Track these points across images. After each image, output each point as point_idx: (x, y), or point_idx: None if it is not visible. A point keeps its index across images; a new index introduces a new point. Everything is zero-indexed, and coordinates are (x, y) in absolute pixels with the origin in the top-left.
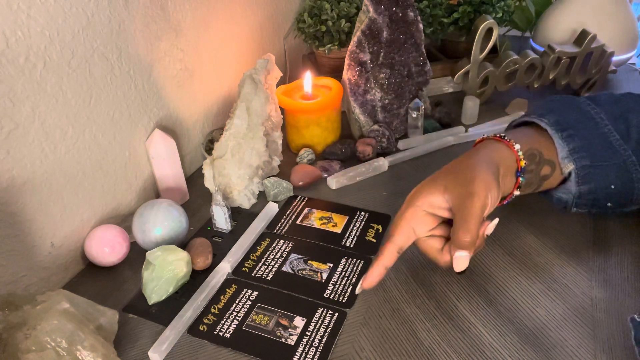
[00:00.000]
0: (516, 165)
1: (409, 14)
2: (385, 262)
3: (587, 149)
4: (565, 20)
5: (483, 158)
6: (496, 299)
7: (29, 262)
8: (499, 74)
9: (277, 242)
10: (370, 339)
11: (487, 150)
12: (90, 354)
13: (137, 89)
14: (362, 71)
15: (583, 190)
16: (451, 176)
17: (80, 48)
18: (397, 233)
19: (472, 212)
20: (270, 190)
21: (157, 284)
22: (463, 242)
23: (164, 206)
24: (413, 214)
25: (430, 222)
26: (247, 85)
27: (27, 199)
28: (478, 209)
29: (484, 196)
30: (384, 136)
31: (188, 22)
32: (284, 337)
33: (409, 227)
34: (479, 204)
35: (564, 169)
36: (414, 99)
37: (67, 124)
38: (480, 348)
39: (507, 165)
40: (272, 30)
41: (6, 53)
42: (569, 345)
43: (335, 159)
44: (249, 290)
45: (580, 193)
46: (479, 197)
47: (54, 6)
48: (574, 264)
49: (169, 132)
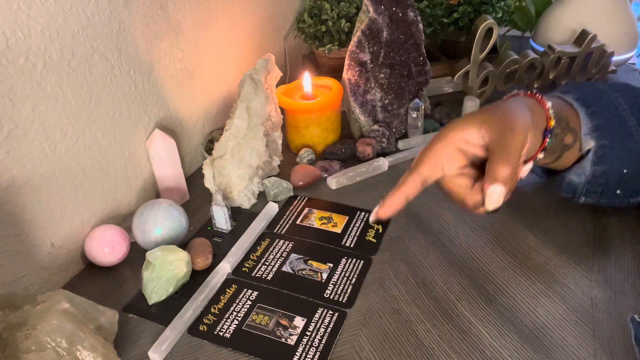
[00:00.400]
0: (545, 123)
1: (409, 14)
2: (407, 191)
3: (608, 129)
4: (565, 20)
5: (520, 104)
6: (496, 299)
7: (29, 262)
8: (499, 74)
9: (277, 242)
10: (370, 339)
11: (521, 101)
12: (90, 354)
13: (137, 89)
14: (362, 71)
15: (597, 172)
16: (489, 113)
17: (80, 48)
18: (424, 164)
19: (512, 145)
20: (270, 190)
21: (157, 284)
22: (501, 175)
23: (164, 206)
24: (443, 147)
25: (460, 159)
26: (247, 85)
27: (27, 199)
28: (519, 142)
29: (524, 132)
30: (384, 136)
31: (188, 22)
32: (284, 337)
33: (438, 161)
34: (520, 136)
35: (584, 145)
36: (414, 99)
37: (67, 124)
38: (480, 348)
39: (537, 121)
40: (272, 30)
41: (6, 53)
42: (569, 345)
43: (335, 159)
44: (249, 290)
45: (593, 175)
46: (519, 131)
47: (54, 6)
48: (574, 264)
49: (169, 132)
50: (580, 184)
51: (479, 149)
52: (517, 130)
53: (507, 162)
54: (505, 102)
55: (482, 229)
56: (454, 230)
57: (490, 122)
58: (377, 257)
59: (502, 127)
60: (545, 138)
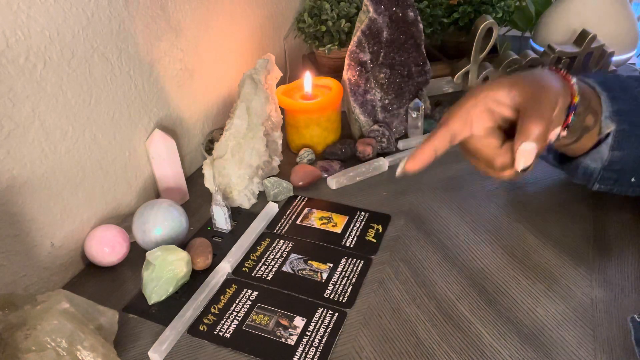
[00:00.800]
0: (570, 99)
1: (409, 14)
2: (436, 144)
3: (628, 114)
4: (565, 20)
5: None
6: (496, 299)
7: (29, 262)
8: (499, 74)
9: (277, 242)
10: (370, 339)
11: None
12: (90, 354)
13: (137, 89)
14: (362, 71)
15: (614, 157)
16: (519, 77)
17: (80, 48)
18: (454, 119)
19: (545, 103)
20: (270, 190)
21: (157, 284)
22: (533, 131)
23: (164, 206)
24: (474, 105)
25: (489, 120)
26: (247, 85)
27: (27, 199)
28: (551, 101)
29: (555, 93)
30: (384, 136)
31: (188, 22)
32: (284, 337)
33: (468, 118)
34: (552, 97)
35: (604, 129)
36: (414, 99)
37: (67, 124)
38: (480, 348)
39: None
40: (272, 30)
41: (6, 53)
42: (569, 345)
43: (335, 159)
44: (249, 290)
45: (610, 160)
46: (551, 92)
47: (54, 6)
48: (574, 264)
49: (169, 132)
50: (596, 170)
51: (508, 110)
52: (549, 90)
53: (540, 119)
54: (533, 70)
55: (482, 229)
56: (454, 230)
57: (522, 84)
58: (377, 257)
59: (534, 88)
60: (570, 114)
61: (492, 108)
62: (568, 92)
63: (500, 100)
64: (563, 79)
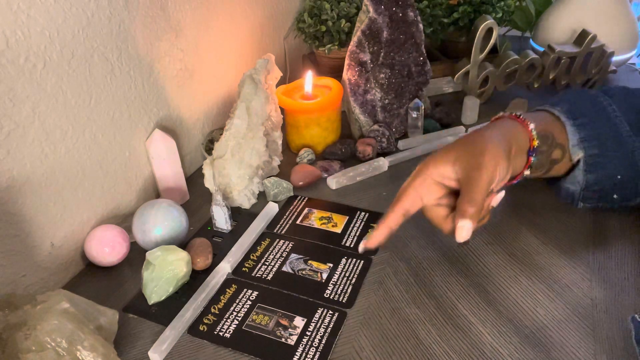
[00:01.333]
0: (529, 144)
1: (409, 14)
2: (390, 223)
3: (597, 138)
4: (565, 20)
5: (496, 133)
6: (496, 299)
7: (29, 262)
8: (499, 74)
9: (277, 242)
10: (370, 339)
11: (502, 127)
12: (90, 354)
13: (137, 89)
14: (362, 71)
15: (590, 180)
16: (462, 148)
17: (80, 48)
18: (404, 198)
19: (478, 184)
20: (270, 190)
21: (157, 284)
22: (467, 212)
23: (164, 206)
24: (422, 182)
25: (438, 191)
26: (247, 85)
27: (27, 199)
28: (484, 181)
29: (492, 169)
30: (384, 136)
31: (188, 22)
32: (284, 337)
33: (417, 194)
34: (486, 176)
35: (574, 156)
36: (414, 99)
37: (67, 124)
38: (480, 348)
39: (520, 143)
40: (272, 30)
41: (6, 53)
42: (569, 345)
43: (335, 159)
44: (249, 290)
45: (587, 183)
46: (486, 170)
47: (54, 6)
48: (574, 264)
49: (169, 132)
50: (576, 192)
51: (453, 182)
52: (485, 167)
53: (472, 200)
54: (484, 131)
55: (482, 229)
56: None
57: (462, 159)
58: (377, 257)
59: (471, 164)
60: (530, 157)
61: (439, 181)
62: (526, 138)
63: (445, 175)
64: (521, 126)
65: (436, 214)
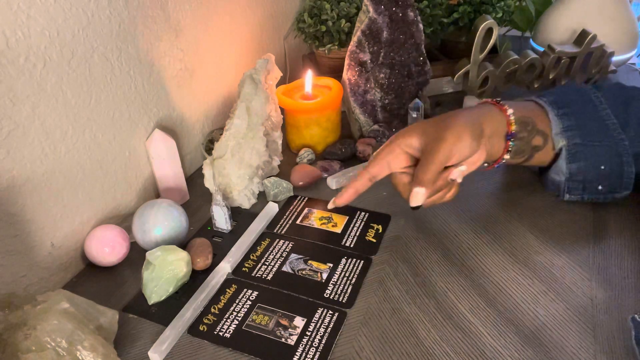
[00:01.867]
0: (506, 129)
1: (409, 14)
2: (357, 186)
3: (580, 128)
4: (565, 20)
5: (468, 113)
6: (496, 299)
7: (29, 262)
8: (499, 74)
9: (277, 242)
10: (370, 339)
11: (478, 110)
12: (90, 354)
13: (137, 89)
14: (362, 71)
15: (573, 169)
16: (432, 122)
17: (80, 48)
18: (373, 164)
19: (434, 154)
20: (270, 190)
21: (157, 284)
22: (420, 179)
23: (164, 206)
24: (391, 151)
25: (405, 160)
26: (247, 85)
27: (27, 199)
28: (441, 153)
29: (450, 143)
30: (384, 136)
31: (188, 22)
32: (284, 337)
33: (385, 161)
34: (443, 148)
35: (556, 145)
36: (414, 99)
37: (67, 124)
38: (480, 348)
39: (495, 126)
40: (272, 30)
41: (6, 53)
42: (569, 345)
43: (335, 159)
44: (249, 290)
45: (570, 173)
46: (445, 142)
47: (54, 6)
48: (574, 264)
49: (169, 132)
50: (562, 182)
51: (418, 152)
52: (444, 140)
53: (426, 168)
54: (456, 112)
55: (482, 229)
56: (454, 230)
57: (428, 132)
58: (377, 257)
59: (432, 138)
60: (507, 142)
61: (407, 151)
62: (504, 122)
63: (411, 145)
64: (500, 111)
65: (400, 181)
